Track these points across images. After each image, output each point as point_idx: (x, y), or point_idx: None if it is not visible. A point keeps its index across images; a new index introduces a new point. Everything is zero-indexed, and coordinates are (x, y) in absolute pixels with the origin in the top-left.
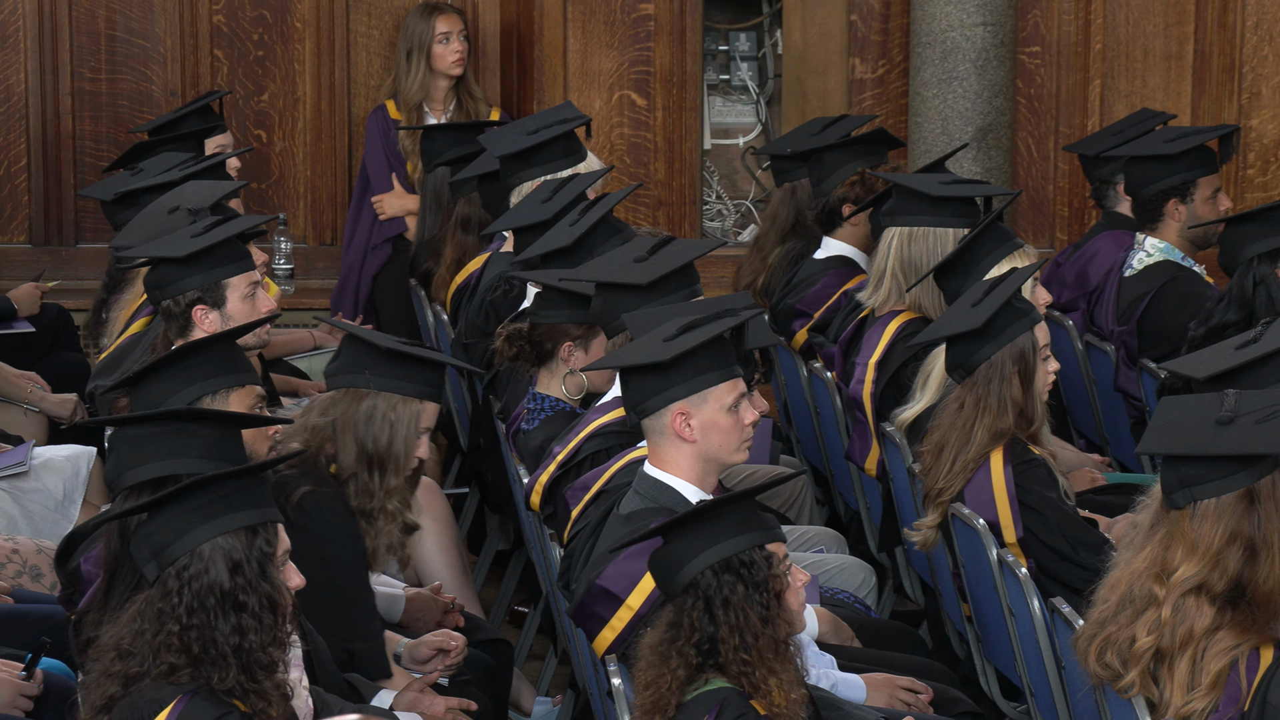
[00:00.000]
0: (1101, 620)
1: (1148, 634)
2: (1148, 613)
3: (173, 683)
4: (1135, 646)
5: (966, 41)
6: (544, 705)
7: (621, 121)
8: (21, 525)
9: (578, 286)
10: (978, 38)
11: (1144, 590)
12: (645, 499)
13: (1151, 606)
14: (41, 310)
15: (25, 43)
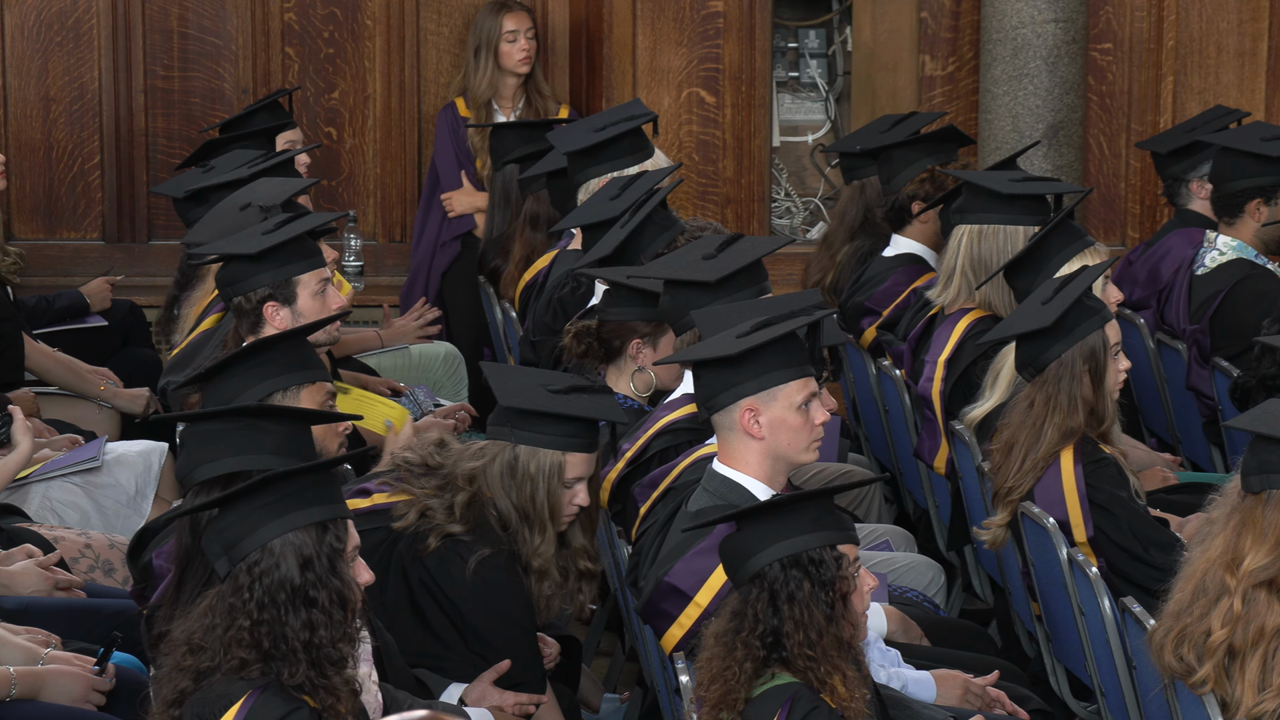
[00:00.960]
0: (1176, 612)
1: (1222, 626)
2: (1221, 603)
3: (243, 677)
4: (1210, 640)
5: (1038, 38)
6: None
7: (690, 119)
8: (94, 520)
9: (646, 284)
10: (1049, 34)
11: (1216, 580)
12: (714, 496)
13: (1224, 596)
14: (113, 306)
15: (99, 41)
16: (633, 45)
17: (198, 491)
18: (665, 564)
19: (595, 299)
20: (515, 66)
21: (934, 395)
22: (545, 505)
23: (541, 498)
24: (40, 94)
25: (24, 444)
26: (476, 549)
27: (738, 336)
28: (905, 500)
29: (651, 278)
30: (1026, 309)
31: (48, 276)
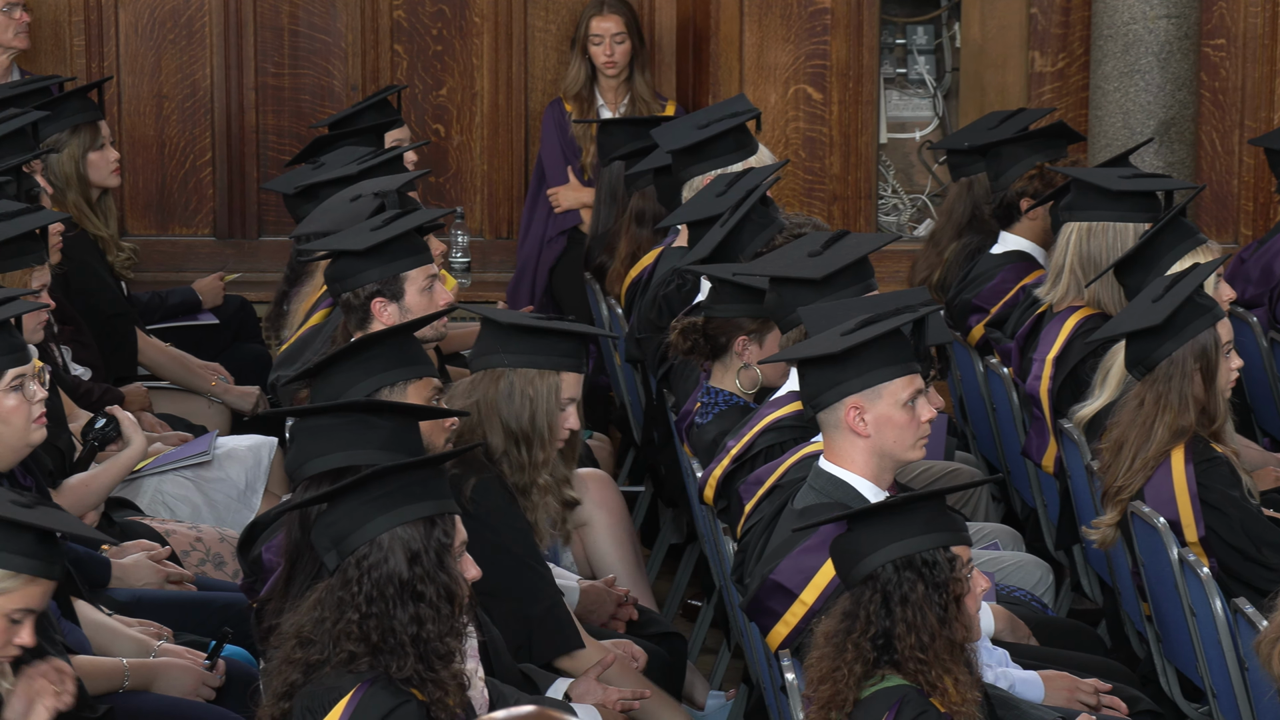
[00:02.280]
0: None
1: None
2: None
3: (352, 671)
4: None
5: (1149, 34)
6: (717, 699)
7: (797, 116)
8: (205, 514)
9: (752, 280)
10: (1161, 30)
11: None
12: (820, 494)
13: None
14: (224, 302)
15: (211, 39)
16: (739, 42)
17: (307, 486)
18: (771, 561)
19: (701, 295)
20: (602, 68)
21: (1042, 393)
22: (545, 426)
23: (541, 419)
24: (153, 91)
25: (137, 440)
26: (467, 479)
27: (843, 334)
28: (1013, 499)
29: (757, 275)
30: (1137, 307)
31: (160, 272)
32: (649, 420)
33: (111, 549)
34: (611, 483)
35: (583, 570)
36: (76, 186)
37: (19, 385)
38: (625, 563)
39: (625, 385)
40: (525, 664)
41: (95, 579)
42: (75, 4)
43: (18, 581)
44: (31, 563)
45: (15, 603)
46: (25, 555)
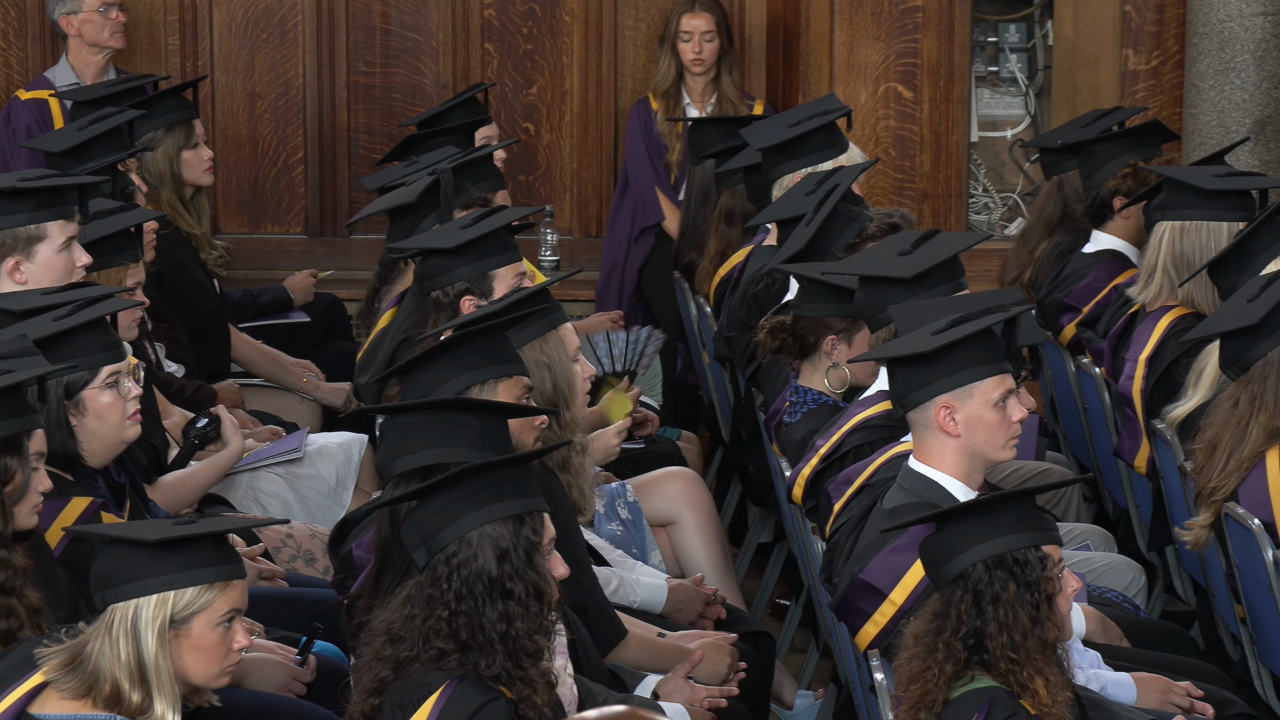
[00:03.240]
0: None
1: None
2: None
3: (441, 668)
4: None
5: (1245, 32)
6: (805, 699)
7: (887, 114)
8: (296, 510)
9: (841, 279)
10: (1257, 28)
11: None
12: (910, 494)
13: None
14: (315, 300)
15: (304, 38)
16: (830, 40)
17: (397, 483)
18: (860, 561)
19: (790, 294)
20: (689, 66)
21: (1135, 393)
22: (565, 385)
23: (561, 379)
24: (246, 90)
25: (235, 442)
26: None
27: (933, 333)
28: (1105, 500)
29: (847, 274)
30: (1231, 306)
31: (252, 270)
32: (737, 419)
33: None
34: (700, 481)
35: (671, 569)
36: (170, 185)
37: (114, 382)
38: (713, 561)
39: (714, 384)
40: (615, 663)
41: None
42: (170, 4)
43: (213, 592)
44: (217, 570)
45: (220, 611)
46: (209, 565)
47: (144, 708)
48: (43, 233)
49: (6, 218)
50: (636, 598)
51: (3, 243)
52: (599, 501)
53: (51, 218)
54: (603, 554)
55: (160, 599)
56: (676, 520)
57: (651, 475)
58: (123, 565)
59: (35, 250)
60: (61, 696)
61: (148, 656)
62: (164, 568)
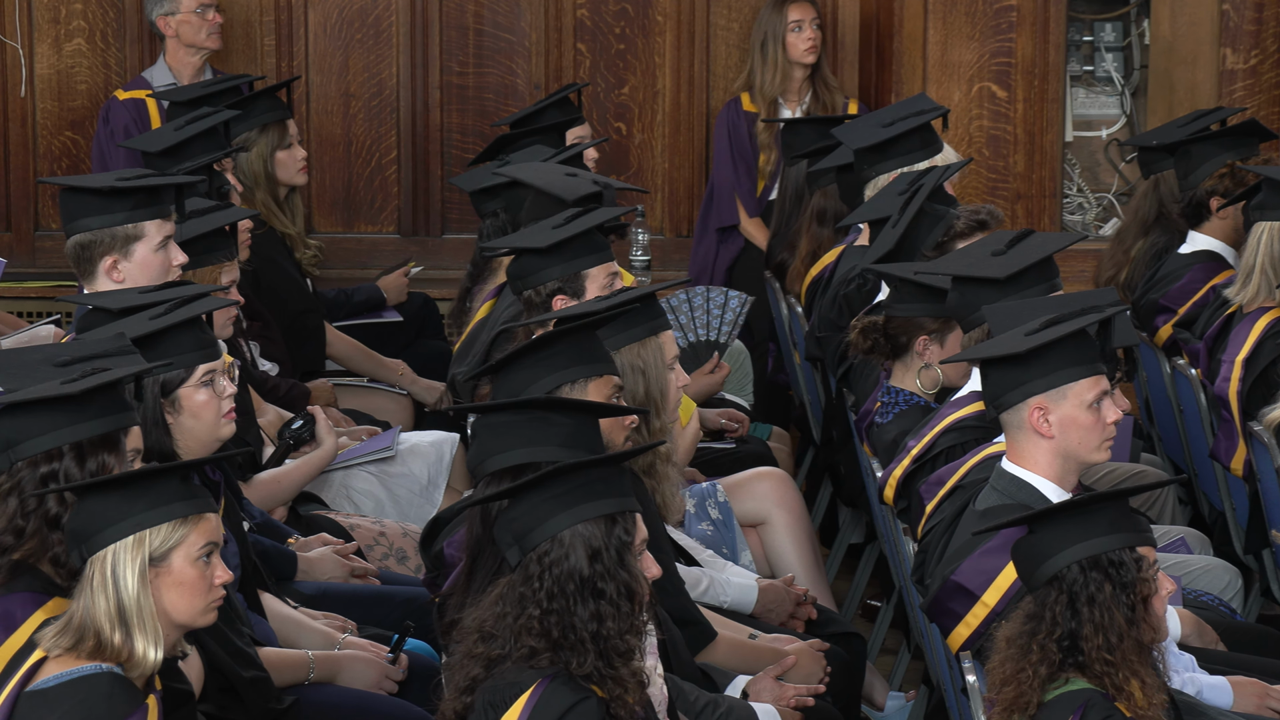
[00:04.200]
0: None
1: None
2: None
3: (533, 666)
4: None
5: None
6: (897, 700)
7: (981, 114)
8: (388, 508)
9: (934, 280)
10: None
11: None
12: (1002, 495)
13: None
14: (408, 299)
15: (398, 38)
16: (923, 39)
17: (488, 482)
18: (952, 562)
19: (881, 294)
20: (801, 57)
21: (1231, 395)
22: (658, 392)
23: (655, 386)
24: (341, 90)
25: (329, 442)
26: None
27: (1027, 334)
28: (1200, 502)
29: (939, 274)
30: None
31: (345, 269)
32: (828, 419)
33: (297, 543)
34: (790, 481)
35: (761, 569)
36: (265, 185)
37: (209, 380)
38: (804, 562)
39: (805, 384)
40: (706, 663)
41: (282, 572)
42: (266, 4)
43: (187, 526)
44: (188, 504)
45: (197, 545)
46: (179, 500)
47: (128, 651)
48: (140, 232)
49: (104, 217)
50: (727, 598)
51: (101, 242)
52: (689, 501)
53: (149, 217)
54: (693, 554)
55: (136, 539)
56: (767, 520)
57: (742, 475)
58: (94, 514)
59: (133, 249)
60: (56, 663)
61: (128, 599)
62: (135, 508)
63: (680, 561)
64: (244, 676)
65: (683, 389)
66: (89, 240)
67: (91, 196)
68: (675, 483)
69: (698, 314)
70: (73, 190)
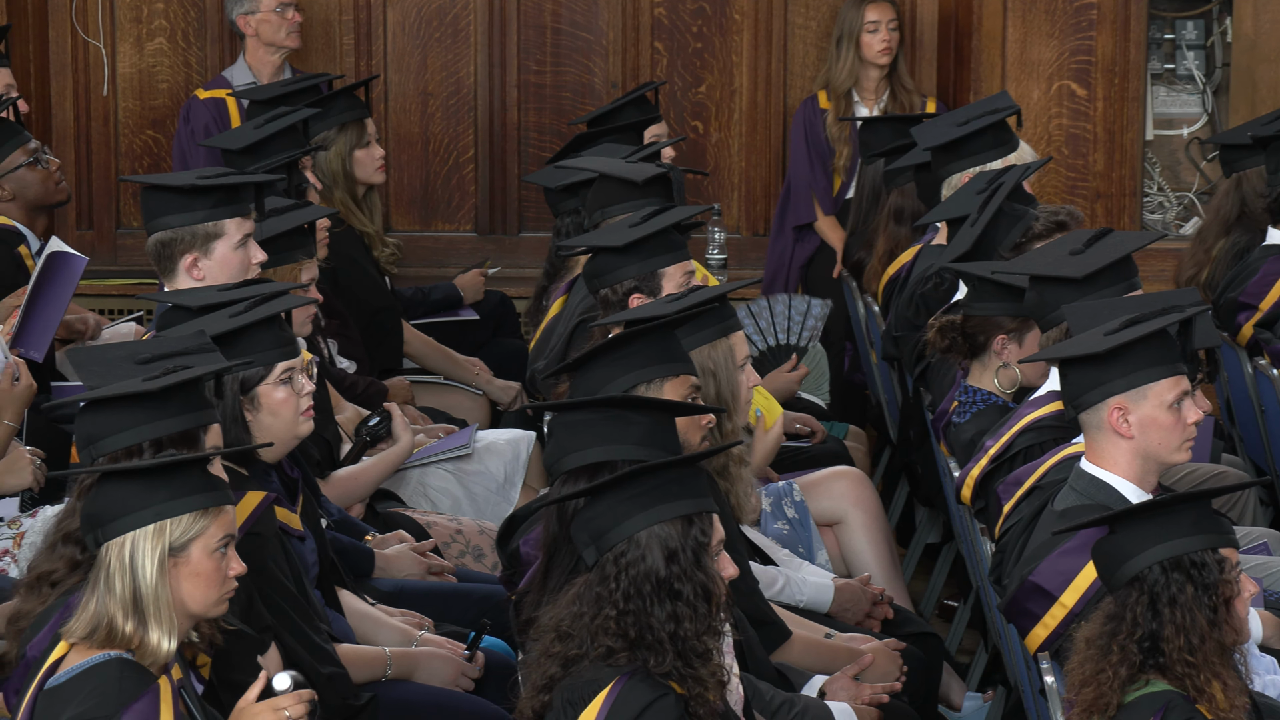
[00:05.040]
0: None
1: None
2: None
3: (611, 665)
4: None
5: None
6: (974, 701)
7: (1060, 112)
8: (465, 506)
9: (1012, 279)
10: None
11: None
12: (1081, 495)
13: None
14: (485, 298)
15: (475, 37)
16: (1002, 38)
17: (565, 480)
18: (1030, 563)
19: (959, 293)
20: (875, 58)
21: None
22: (729, 393)
23: (726, 388)
24: (419, 89)
25: (405, 439)
26: None
27: (1106, 333)
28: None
29: (1017, 273)
30: None
31: (422, 268)
32: (905, 418)
33: (374, 540)
34: (867, 481)
35: (837, 568)
36: (343, 183)
37: (288, 378)
38: (880, 561)
39: (881, 383)
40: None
41: (359, 569)
42: (345, 3)
43: (208, 518)
44: (209, 496)
45: (215, 536)
46: (200, 491)
47: (139, 639)
48: (220, 230)
49: (185, 215)
50: (803, 597)
51: (181, 240)
52: (765, 500)
53: (229, 215)
54: (769, 553)
55: (157, 528)
56: (843, 520)
57: (818, 474)
58: (114, 500)
59: (213, 247)
60: (70, 657)
61: (145, 587)
62: (157, 497)
63: (756, 561)
64: (322, 673)
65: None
66: (170, 238)
67: (172, 195)
68: (749, 483)
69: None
70: (154, 188)
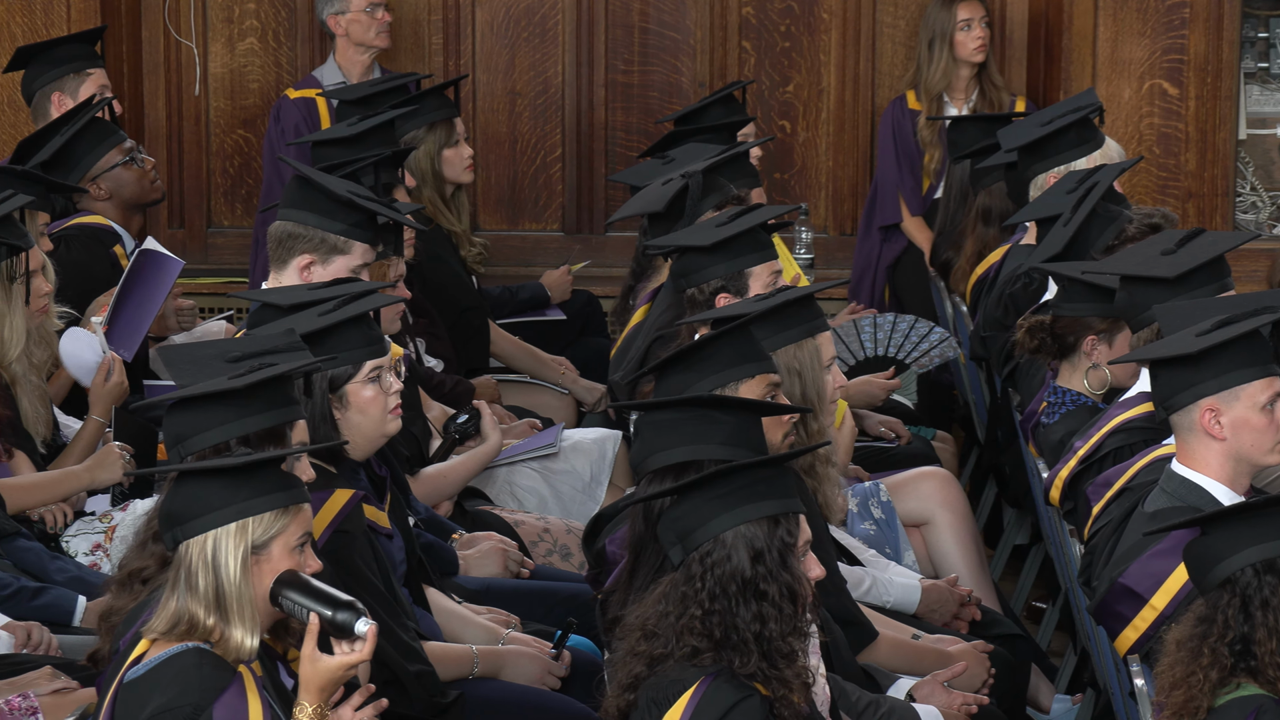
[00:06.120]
0: None
1: None
2: None
3: (696, 665)
4: None
5: None
6: (1062, 703)
7: (1151, 111)
8: (551, 505)
9: (1102, 279)
10: None
11: None
12: (1172, 498)
13: None
14: (572, 297)
15: (563, 36)
16: (1093, 36)
17: (651, 480)
18: (1120, 565)
19: (1048, 294)
20: (970, 56)
21: None
22: (815, 394)
23: (811, 388)
24: (507, 89)
25: (494, 438)
26: None
27: (1198, 334)
28: None
29: (1108, 273)
30: None
31: (509, 267)
32: (993, 419)
33: (461, 539)
34: (954, 481)
35: (924, 569)
36: (432, 182)
37: (376, 377)
38: (968, 562)
39: (969, 383)
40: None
41: (445, 568)
42: (434, 3)
43: (287, 516)
44: (288, 494)
45: (295, 534)
46: (280, 490)
47: (222, 634)
48: (348, 248)
49: (325, 220)
50: (890, 598)
51: (310, 239)
52: (852, 501)
53: (361, 240)
54: (855, 554)
55: (239, 527)
56: (931, 520)
57: (906, 475)
58: (193, 499)
59: (333, 261)
60: (154, 648)
61: (229, 585)
62: (238, 495)
63: (842, 561)
64: (409, 670)
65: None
66: (300, 233)
67: (322, 196)
68: (835, 483)
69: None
70: (307, 182)
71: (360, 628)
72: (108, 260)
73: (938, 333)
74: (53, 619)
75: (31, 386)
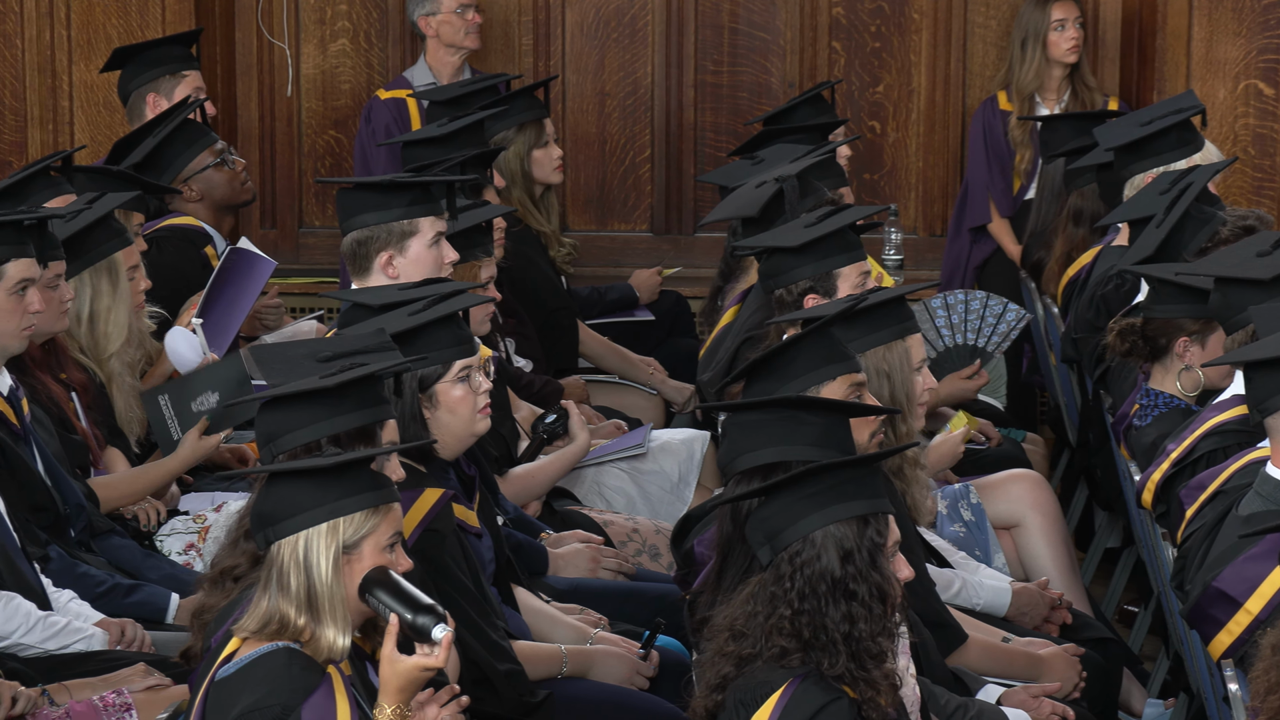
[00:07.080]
0: None
1: None
2: None
3: (784, 666)
4: None
5: None
6: (1155, 708)
7: (1247, 112)
8: (639, 505)
9: (1195, 281)
10: None
11: None
12: (1267, 501)
13: None
14: (660, 298)
15: (653, 37)
16: (1187, 36)
17: (739, 480)
18: (1214, 568)
19: (1140, 295)
20: (1063, 56)
21: None
22: (904, 396)
23: (900, 391)
24: (596, 89)
25: (582, 437)
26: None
27: None
28: None
29: (1201, 275)
30: None
31: (598, 267)
32: (1085, 421)
33: (549, 538)
34: (1045, 484)
35: (1015, 572)
36: (521, 183)
37: (465, 376)
38: (1059, 565)
39: (1060, 385)
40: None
41: (534, 567)
42: (524, 4)
43: (378, 516)
44: (378, 494)
45: (386, 534)
46: (370, 490)
47: (312, 634)
48: (415, 227)
49: (380, 213)
50: (980, 600)
51: (377, 238)
52: (942, 503)
53: (423, 213)
54: (945, 556)
55: (331, 527)
56: (1021, 523)
57: (995, 477)
58: (285, 499)
59: (407, 245)
60: (244, 647)
61: (320, 585)
62: (329, 496)
63: (932, 563)
64: (499, 669)
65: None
66: (366, 236)
67: (368, 193)
68: (925, 485)
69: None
70: (349, 188)
71: (437, 634)
72: (199, 261)
73: (1012, 310)
74: (146, 616)
75: (126, 385)
